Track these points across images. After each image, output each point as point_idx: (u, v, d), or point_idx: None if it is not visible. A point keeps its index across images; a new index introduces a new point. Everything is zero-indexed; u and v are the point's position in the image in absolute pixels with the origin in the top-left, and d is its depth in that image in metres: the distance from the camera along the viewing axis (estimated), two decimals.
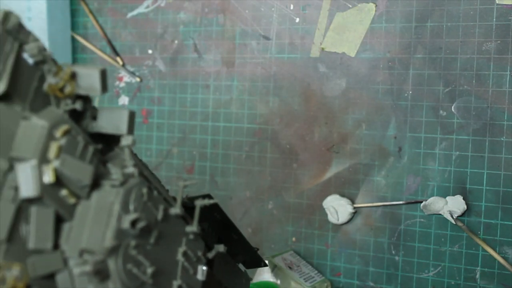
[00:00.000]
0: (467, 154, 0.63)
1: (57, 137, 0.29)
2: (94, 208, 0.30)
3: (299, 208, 0.71)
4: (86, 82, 0.32)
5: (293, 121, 0.71)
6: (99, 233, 0.29)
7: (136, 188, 0.32)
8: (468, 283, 0.63)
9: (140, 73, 0.81)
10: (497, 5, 0.61)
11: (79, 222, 0.29)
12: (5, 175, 0.27)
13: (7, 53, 0.28)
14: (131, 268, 0.30)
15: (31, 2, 0.80)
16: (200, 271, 0.37)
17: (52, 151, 0.28)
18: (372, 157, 0.67)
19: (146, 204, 0.33)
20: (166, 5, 0.78)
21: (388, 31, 0.66)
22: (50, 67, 0.31)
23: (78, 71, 0.32)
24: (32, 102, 0.30)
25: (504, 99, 0.61)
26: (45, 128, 0.28)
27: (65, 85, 0.31)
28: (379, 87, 0.67)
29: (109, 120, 0.33)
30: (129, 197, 0.31)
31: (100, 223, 0.29)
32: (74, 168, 0.29)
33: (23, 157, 0.27)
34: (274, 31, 0.72)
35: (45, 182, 0.28)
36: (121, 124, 0.33)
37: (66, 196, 0.29)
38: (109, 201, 0.30)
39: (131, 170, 0.33)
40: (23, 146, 0.28)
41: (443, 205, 0.63)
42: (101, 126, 0.33)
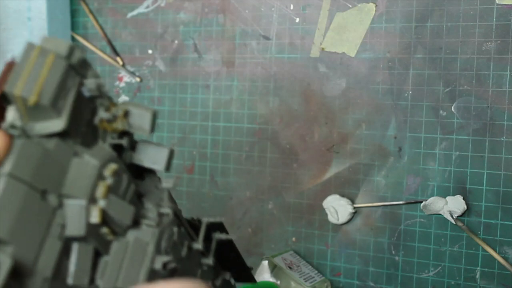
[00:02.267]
0: (467, 154, 0.63)
1: (105, 176, 0.29)
2: (131, 247, 0.30)
3: (299, 208, 0.71)
4: (137, 121, 0.32)
5: (293, 121, 0.71)
6: (133, 273, 0.30)
7: (168, 228, 0.32)
8: (468, 283, 0.63)
9: (140, 73, 0.81)
10: (497, 5, 0.61)
11: (114, 259, 0.30)
12: (54, 212, 0.27)
13: (69, 88, 0.28)
14: None
15: (31, 2, 0.80)
16: None
17: (100, 191, 0.28)
18: (372, 157, 0.67)
19: (175, 242, 0.33)
20: (166, 5, 0.78)
21: (388, 31, 0.66)
22: (103, 101, 0.31)
23: (131, 110, 0.32)
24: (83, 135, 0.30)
25: (504, 99, 0.61)
26: (96, 168, 0.28)
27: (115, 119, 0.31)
28: (379, 87, 0.67)
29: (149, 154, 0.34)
30: (162, 237, 0.32)
31: (135, 263, 0.30)
32: (118, 208, 0.30)
33: (73, 195, 0.28)
34: (274, 31, 0.72)
35: (91, 222, 0.28)
36: (160, 160, 0.33)
37: (106, 234, 0.30)
38: (145, 242, 0.31)
39: (167, 211, 0.33)
40: (74, 184, 0.28)
41: (443, 205, 0.63)
42: (140, 159, 0.33)
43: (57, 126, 0.27)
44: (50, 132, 0.27)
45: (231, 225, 0.75)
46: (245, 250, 0.73)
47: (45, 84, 0.26)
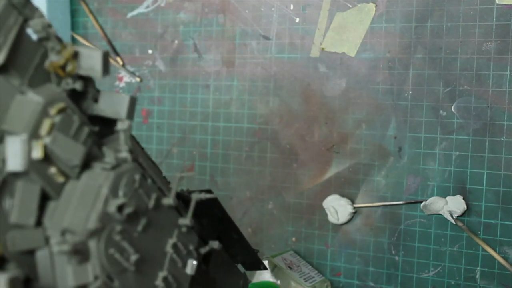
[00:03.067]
0: (467, 154, 0.63)
1: (51, 114, 0.29)
2: (82, 189, 0.30)
3: (299, 208, 0.71)
4: (88, 63, 0.32)
5: (293, 121, 0.71)
6: (83, 214, 0.29)
7: (128, 173, 0.32)
8: (468, 283, 0.63)
9: (140, 73, 0.81)
10: (497, 5, 0.61)
11: (64, 202, 0.29)
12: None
13: (10, 26, 0.28)
14: (113, 253, 0.30)
15: None
16: (190, 265, 0.37)
17: (44, 128, 0.28)
18: (372, 157, 0.67)
19: (137, 191, 0.32)
20: (166, 5, 0.78)
21: (388, 31, 0.66)
22: (54, 45, 0.31)
23: (81, 51, 0.32)
24: (31, 78, 0.29)
25: (504, 99, 0.61)
26: (40, 104, 0.28)
27: (67, 64, 0.31)
28: (379, 87, 0.67)
29: (109, 103, 0.34)
30: (119, 182, 0.31)
31: (86, 204, 0.29)
32: (65, 146, 0.29)
33: (14, 131, 0.27)
34: (274, 31, 0.72)
35: (33, 158, 0.28)
36: (121, 108, 0.33)
37: (55, 174, 0.29)
38: (98, 184, 0.30)
39: (124, 155, 0.32)
40: (15, 119, 0.27)
41: (443, 205, 0.63)
42: (101, 109, 0.33)
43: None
44: None
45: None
46: None
47: None
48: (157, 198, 0.35)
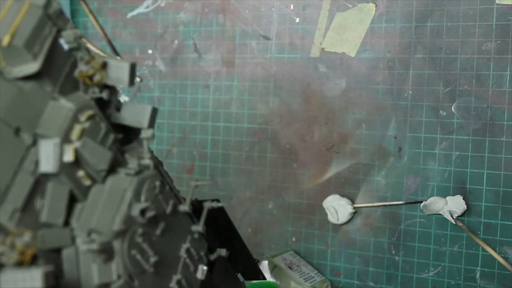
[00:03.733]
0: (467, 154, 0.63)
1: (81, 120, 0.31)
2: (108, 192, 0.31)
3: (299, 208, 0.71)
4: (116, 74, 0.34)
5: (293, 121, 0.71)
6: (109, 217, 0.31)
7: (149, 179, 0.34)
8: (468, 283, 0.63)
9: (140, 73, 0.81)
10: (497, 5, 0.61)
11: (91, 204, 0.31)
12: (28, 149, 0.29)
13: (45, 36, 0.30)
14: (135, 254, 0.32)
15: None
16: (201, 270, 0.38)
17: (75, 133, 0.30)
18: (372, 157, 0.67)
19: (157, 196, 0.34)
20: (166, 5, 0.78)
21: (388, 31, 0.66)
22: (83, 55, 0.33)
23: (109, 62, 0.34)
24: (62, 85, 0.31)
25: (504, 99, 0.61)
26: (71, 110, 0.30)
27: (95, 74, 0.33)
28: (379, 87, 0.67)
29: (132, 113, 0.36)
30: (142, 187, 0.33)
31: (111, 207, 0.31)
32: (94, 151, 0.31)
33: (47, 135, 0.29)
34: (274, 31, 0.72)
35: (65, 161, 0.29)
36: (143, 118, 0.36)
37: (83, 177, 0.31)
38: (123, 188, 0.32)
39: (147, 162, 0.34)
40: (48, 124, 0.29)
41: (443, 205, 0.63)
42: (124, 118, 0.35)
43: (32, 68, 0.29)
44: (26, 74, 0.29)
45: None
46: None
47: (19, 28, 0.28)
48: (174, 204, 0.36)
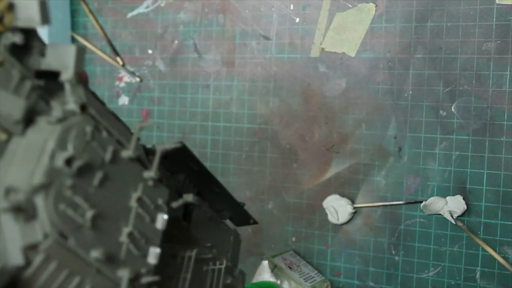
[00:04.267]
0: (467, 154, 0.63)
1: None
2: (26, 145, 0.28)
3: (299, 208, 0.71)
4: (25, 13, 0.30)
5: (293, 121, 0.71)
6: (27, 171, 0.27)
7: (77, 126, 0.30)
8: (468, 283, 0.63)
9: (140, 73, 0.81)
10: (497, 5, 0.61)
11: (8, 160, 0.28)
12: None
13: None
14: (65, 209, 0.28)
15: None
16: (160, 219, 0.34)
17: None
18: (372, 157, 0.67)
19: (89, 143, 0.31)
20: (166, 5, 0.78)
21: (388, 31, 0.66)
22: None
23: (16, 2, 0.30)
24: None
25: (504, 99, 0.61)
26: None
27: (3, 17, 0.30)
28: (379, 87, 0.67)
29: (56, 57, 0.32)
30: (67, 135, 0.29)
31: (31, 160, 0.28)
32: (4, 101, 0.28)
33: None
34: (274, 31, 0.72)
35: None
36: (68, 60, 0.31)
37: None
38: (43, 138, 0.28)
39: (71, 107, 0.31)
40: None
41: (443, 205, 0.63)
42: (48, 63, 0.32)
43: None
44: None
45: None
46: (245, 250, 0.73)
47: None
48: (115, 151, 0.33)
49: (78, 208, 0.29)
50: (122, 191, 0.33)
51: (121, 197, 0.32)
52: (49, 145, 0.28)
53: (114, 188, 0.32)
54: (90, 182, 0.30)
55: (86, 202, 0.29)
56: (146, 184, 0.34)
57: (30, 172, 0.27)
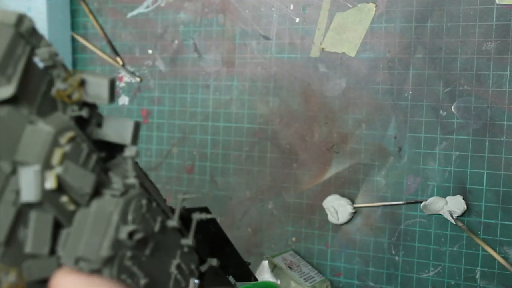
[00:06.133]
0: (467, 154, 0.63)
1: (62, 143, 0.29)
2: (93, 216, 0.30)
3: (299, 208, 0.71)
4: (95, 91, 0.32)
5: (293, 121, 0.71)
6: (96, 242, 0.29)
7: (135, 199, 0.32)
8: (468, 283, 0.63)
9: (140, 73, 0.81)
10: (497, 5, 0.61)
11: (77, 230, 0.29)
12: (8, 179, 0.27)
13: (18, 56, 0.28)
14: (125, 279, 0.30)
15: (31, 2, 0.80)
16: (192, 284, 0.37)
17: (56, 158, 0.28)
18: (372, 157, 0.67)
19: (144, 216, 0.33)
20: (166, 5, 0.78)
21: (388, 31, 0.66)
22: (60, 72, 0.31)
23: (87, 79, 0.32)
24: (39, 107, 0.30)
25: (504, 99, 0.61)
26: (50, 134, 0.29)
27: (74, 92, 0.31)
28: (379, 87, 0.67)
29: (114, 128, 0.34)
30: (128, 208, 0.31)
31: (98, 232, 0.29)
32: (77, 175, 0.29)
33: (26, 162, 0.28)
34: (274, 31, 0.72)
35: (47, 188, 0.28)
36: (126, 134, 0.34)
37: (66, 203, 0.29)
38: (109, 211, 0.30)
39: (132, 181, 0.33)
40: (27, 150, 0.28)
41: (443, 205, 0.63)
42: (106, 134, 0.34)
43: (6, 92, 0.27)
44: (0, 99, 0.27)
45: (231, 225, 0.75)
46: (245, 250, 0.73)
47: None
48: (162, 221, 0.35)
49: (134, 277, 0.31)
50: (165, 258, 0.35)
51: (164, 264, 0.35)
52: (114, 218, 0.30)
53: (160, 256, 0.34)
54: (143, 252, 0.33)
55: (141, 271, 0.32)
56: (182, 250, 0.37)
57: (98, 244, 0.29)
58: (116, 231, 0.30)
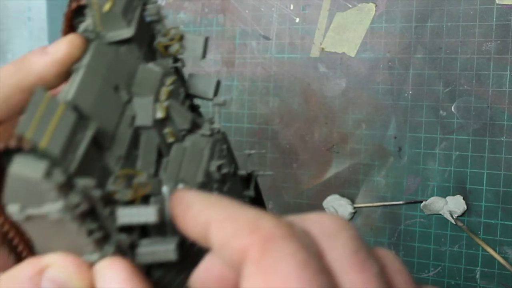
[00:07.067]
0: (467, 154, 0.63)
1: (166, 84, 0.34)
2: (188, 150, 0.34)
3: (299, 208, 0.71)
4: (191, 46, 0.38)
5: (293, 121, 0.71)
6: (192, 170, 0.34)
7: (219, 142, 0.37)
8: (468, 283, 0.63)
9: None
10: (497, 5, 0.61)
11: (174, 159, 0.34)
12: (125, 105, 0.32)
13: (135, 6, 0.34)
14: None
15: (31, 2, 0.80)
16: None
17: (163, 94, 0.33)
18: (372, 157, 0.67)
19: (225, 157, 0.38)
20: (166, 5, 0.78)
21: (388, 31, 0.66)
22: (161, 27, 0.37)
23: (186, 35, 0.38)
24: (145, 53, 0.35)
25: (504, 99, 0.61)
26: (159, 74, 0.34)
27: (173, 45, 0.37)
28: (379, 87, 0.67)
29: (199, 84, 0.39)
30: (215, 147, 0.36)
31: (193, 162, 0.34)
32: (178, 112, 0.34)
33: (141, 93, 0.32)
34: (274, 31, 0.72)
35: (157, 117, 0.32)
36: (209, 89, 0.39)
37: (168, 134, 0.34)
38: (201, 147, 0.35)
39: (217, 126, 0.38)
40: (141, 84, 0.33)
41: (443, 205, 0.63)
42: (191, 88, 0.39)
43: (126, 33, 0.32)
44: (121, 39, 0.32)
45: None
46: None
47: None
48: (235, 167, 0.39)
49: None
50: None
51: None
52: (205, 152, 0.35)
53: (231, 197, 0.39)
54: (223, 189, 0.37)
55: None
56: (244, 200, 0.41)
57: (194, 172, 0.34)
58: (207, 164, 0.34)
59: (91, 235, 0.27)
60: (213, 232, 0.24)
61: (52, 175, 0.25)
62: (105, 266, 0.27)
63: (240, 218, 0.24)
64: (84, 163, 0.27)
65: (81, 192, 0.26)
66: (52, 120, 0.26)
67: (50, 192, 0.25)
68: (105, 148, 0.29)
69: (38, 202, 0.25)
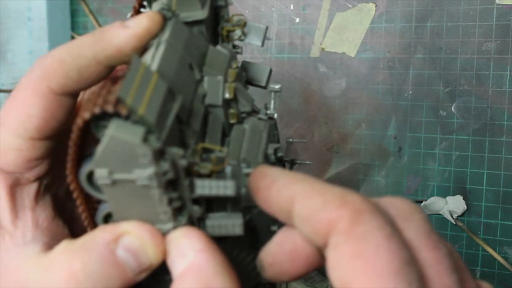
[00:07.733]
0: (467, 154, 0.63)
1: (233, 67, 0.35)
2: (248, 131, 0.36)
3: None
4: (252, 33, 0.39)
5: (293, 121, 0.71)
6: (253, 150, 0.35)
7: (273, 127, 0.39)
8: None
9: None
10: (497, 5, 0.61)
11: (235, 139, 0.35)
12: (197, 83, 0.33)
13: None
14: None
15: (31, 2, 0.80)
16: None
17: (230, 76, 0.34)
18: (372, 157, 0.67)
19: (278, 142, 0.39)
20: None
21: (388, 31, 0.66)
22: (225, 14, 0.39)
23: (248, 23, 0.39)
24: (210, 36, 0.36)
25: (504, 99, 0.61)
26: (227, 56, 0.35)
27: (236, 31, 0.38)
28: (379, 87, 0.67)
29: (253, 71, 0.41)
30: (270, 131, 0.38)
31: (254, 143, 0.35)
32: (243, 94, 0.36)
33: (212, 73, 0.33)
34: (274, 31, 0.72)
35: (225, 97, 0.33)
36: (263, 77, 0.41)
37: (232, 114, 0.35)
38: (260, 129, 0.36)
39: (273, 112, 0.39)
40: (212, 65, 0.34)
41: (443, 205, 0.63)
42: (246, 74, 0.40)
43: (201, 15, 0.34)
44: (194, 19, 0.34)
45: None
46: None
47: None
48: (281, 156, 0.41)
49: None
50: None
51: None
52: (264, 135, 0.36)
53: None
54: None
55: None
56: None
57: (255, 152, 0.35)
58: (266, 146, 0.35)
59: (170, 204, 0.27)
60: (299, 205, 0.25)
61: (149, 141, 0.25)
62: (181, 235, 0.27)
63: (327, 193, 0.25)
64: (170, 133, 0.27)
65: (170, 161, 0.26)
66: (148, 88, 0.26)
67: (145, 157, 0.25)
68: (183, 122, 0.30)
69: (129, 167, 0.26)
